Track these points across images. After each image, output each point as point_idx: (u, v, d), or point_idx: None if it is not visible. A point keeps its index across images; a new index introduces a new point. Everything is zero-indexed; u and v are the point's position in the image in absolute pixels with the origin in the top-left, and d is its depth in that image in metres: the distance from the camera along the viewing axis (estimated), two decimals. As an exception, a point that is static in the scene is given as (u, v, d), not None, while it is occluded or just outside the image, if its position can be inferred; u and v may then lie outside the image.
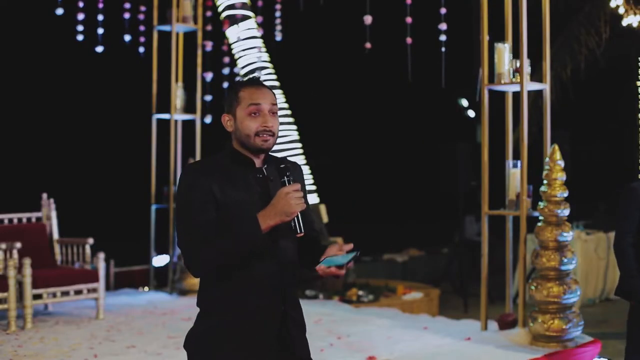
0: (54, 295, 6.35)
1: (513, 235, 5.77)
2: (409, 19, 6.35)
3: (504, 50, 5.60)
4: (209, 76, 8.28)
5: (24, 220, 6.95)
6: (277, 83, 8.43)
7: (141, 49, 8.09)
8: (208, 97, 8.46)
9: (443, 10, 6.22)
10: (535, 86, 5.78)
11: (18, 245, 6.20)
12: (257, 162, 2.74)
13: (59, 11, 7.57)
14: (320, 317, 6.32)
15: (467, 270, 9.37)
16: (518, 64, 5.53)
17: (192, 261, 2.62)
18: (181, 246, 2.66)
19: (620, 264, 4.20)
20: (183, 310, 6.74)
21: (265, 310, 2.68)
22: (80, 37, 7.83)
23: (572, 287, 5.14)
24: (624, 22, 8.63)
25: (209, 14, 8.37)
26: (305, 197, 2.77)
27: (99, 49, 7.75)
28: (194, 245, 2.61)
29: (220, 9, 8.48)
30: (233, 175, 2.70)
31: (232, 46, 8.47)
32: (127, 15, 7.89)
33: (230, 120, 2.74)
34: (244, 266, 2.65)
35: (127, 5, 7.87)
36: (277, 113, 2.75)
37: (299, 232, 2.63)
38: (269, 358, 2.68)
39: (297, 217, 2.61)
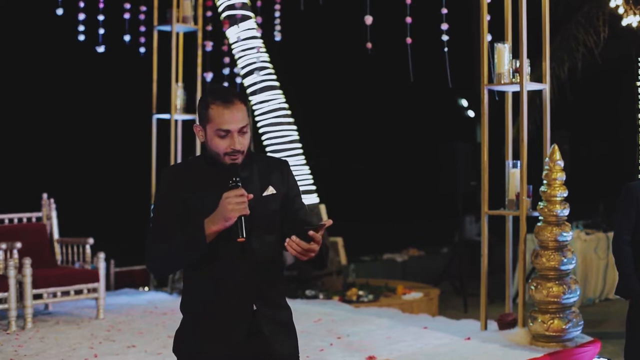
0: (54, 295, 6.35)
1: (513, 235, 5.77)
2: (408, 19, 6.35)
3: (503, 50, 5.60)
4: (209, 76, 8.28)
5: (24, 220, 6.96)
6: (277, 83, 8.43)
7: (141, 49, 8.09)
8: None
9: (444, 11, 6.22)
10: (535, 86, 5.78)
11: (18, 245, 6.20)
12: None
13: (60, 11, 7.57)
14: (320, 317, 6.30)
15: (466, 270, 9.37)
16: (518, 64, 5.54)
17: (146, 258, 2.71)
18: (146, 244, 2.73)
19: (617, 261, 4.22)
20: (183, 310, 6.74)
21: (234, 310, 2.68)
22: (81, 37, 7.84)
23: (572, 287, 5.15)
24: (624, 22, 8.62)
25: (209, 14, 8.37)
26: (295, 196, 2.80)
27: (101, 49, 7.75)
28: (149, 243, 2.69)
29: (220, 9, 8.48)
30: (207, 179, 2.71)
31: (232, 46, 8.47)
32: (127, 16, 7.89)
33: (201, 131, 2.73)
34: (212, 267, 2.67)
35: (128, 6, 7.87)
36: (247, 131, 2.70)
37: (240, 237, 2.58)
38: (239, 356, 2.68)
39: (241, 221, 2.57)
